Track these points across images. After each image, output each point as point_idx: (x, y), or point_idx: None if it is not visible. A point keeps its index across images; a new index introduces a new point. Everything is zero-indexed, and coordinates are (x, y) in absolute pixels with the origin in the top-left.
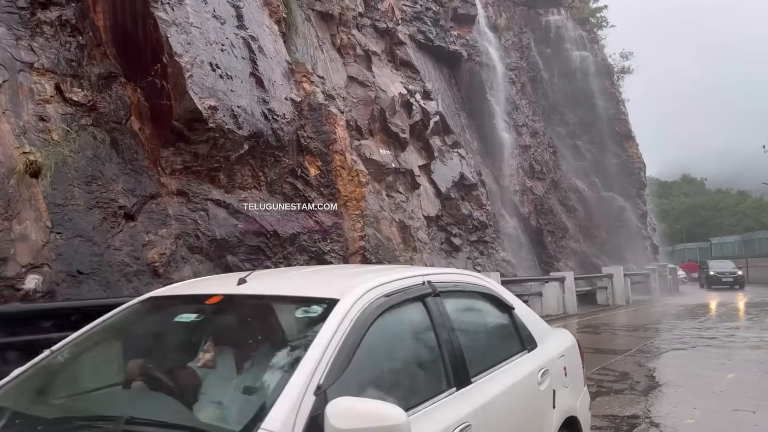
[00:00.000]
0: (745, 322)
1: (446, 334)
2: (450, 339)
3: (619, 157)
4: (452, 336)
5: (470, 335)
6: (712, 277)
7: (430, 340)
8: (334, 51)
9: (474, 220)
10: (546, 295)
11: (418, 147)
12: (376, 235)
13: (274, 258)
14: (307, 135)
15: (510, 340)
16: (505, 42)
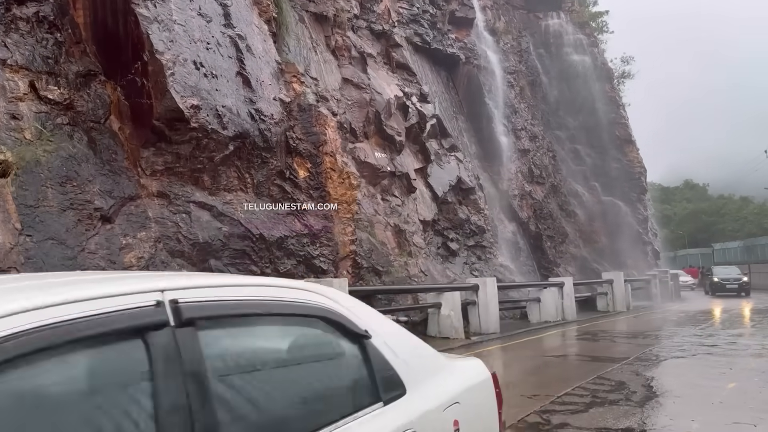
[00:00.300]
0: (747, 329)
1: (200, 396)
2: (208, 406)
3: (620, 161)
4: (214, 399)
5: (262, 390)
6: (716, 284)
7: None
8: (329, 53)
9: (471, 225)
10: (544, 302)
11: (415, 150)
12: (369, 239)
13: (260, 263)
14: (296, 136)
15: (354, 389)
16: (503, 45)
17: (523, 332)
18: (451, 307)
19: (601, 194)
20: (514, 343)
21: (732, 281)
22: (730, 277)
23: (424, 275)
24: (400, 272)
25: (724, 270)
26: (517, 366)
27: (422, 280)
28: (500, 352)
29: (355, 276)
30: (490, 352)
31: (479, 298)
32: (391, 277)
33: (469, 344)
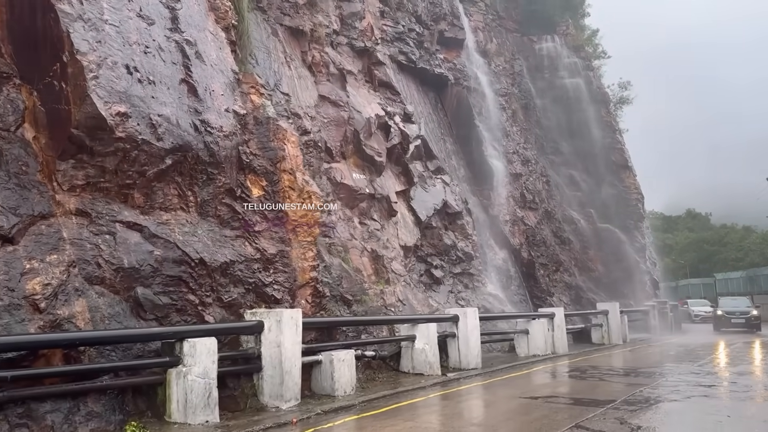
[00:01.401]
0: (749, 366)
1: None
2: None
3: (616, 187)
4: None
5: None
6: (720, 318)
7: None
8: (305, 68)
9: (458, 251)
10: (533, 334)
11: (397, 172)
12: (342, 265)
13: (200, 291)
14: (251, 151)
15: None
16: (495, 67)
17: (507, 367)
18: (425, 340)
19: (597, 221)
20: (494, 381)
21: (738, 315)
22: (736, 311)
23: (402, 304)
24: (375, 301)
25: (730, 302)
26: (486, 411)
27: (399, 310)
28: (474, 391)
29: (315, 306)
30: (463, 392)
31: (459, 330)
32: (364, 307)
33: (444, 382)
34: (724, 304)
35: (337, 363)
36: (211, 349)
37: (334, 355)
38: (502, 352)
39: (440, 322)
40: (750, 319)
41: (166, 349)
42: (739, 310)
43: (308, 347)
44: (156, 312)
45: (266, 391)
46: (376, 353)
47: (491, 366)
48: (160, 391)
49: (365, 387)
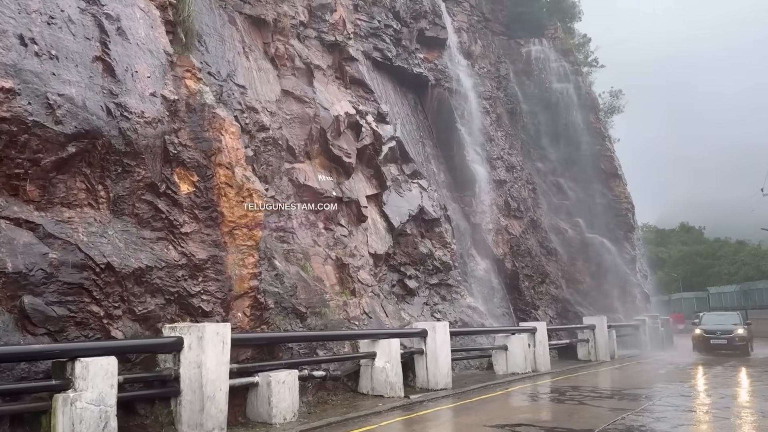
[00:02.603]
0: (744, 387)
1: None
2: None
3: (605, 196)
4: None
5: None
6: (698, 338)
7: None
8: (266, 60)
9: (435, 261)
10: (512, 350)
11: (368, 175)
12: (300, 273)
13: (106, 301)
14: (180, 141)
15: None
16: (479, 70)
17: (480, 388)
18: (387, 357)
19: (585, 231)
20: (461, 404)
21: (719, 335)
22: (717, 329)
23: (368, 317)
24: (337, 314)
25: (714, 318)
26: None
27: (365, 324)
28: (435, 418)
29: (255, 320)
30: (421, 419)
31: (428, 347)
32: (323, 320)
33: (406, 405)
34: (707, 321)
35: (275, 385)
36: (109, 371)
37: (272, 377)
38: (480, 370)
39: (405, 337)
40: (733, 339)
41: (57, 371)
42: (721, 329)
43: (242, 367)
44: (48, 325)
45: (184, 419)
46: (327, 373)
47: (463, 386)
48: (44, 421)
49: (312, 412)
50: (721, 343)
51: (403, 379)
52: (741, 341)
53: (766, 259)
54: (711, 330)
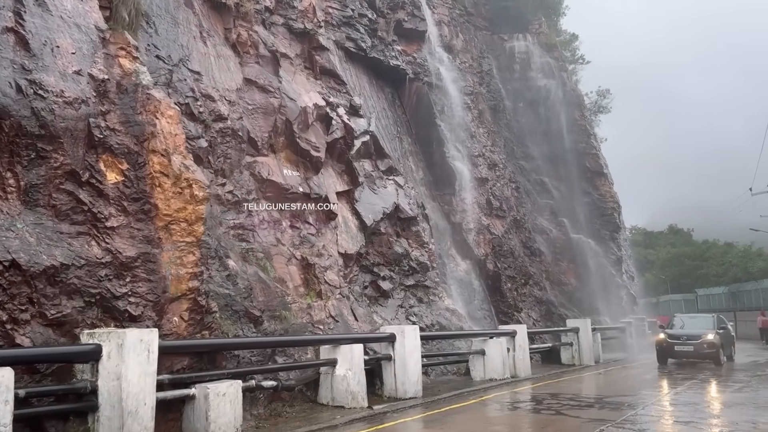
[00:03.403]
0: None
1: None
2: None
3: (590, 195)
4: None
5: None
6: (662, 344)
7: None
8: (227, 47)
9: (412, 261)
10: (489, 355)
11: (339, 170)
12: (258, 274)
13: (11, 303)
14: (108, 125)
15: None
16: (460, 64)
17: (453, 396)
18: (348, 365)
19: (570, 231)
20: (429, 415)
21: (684, 340)
22: (683, 334)
23: (334, 321)
24: (299, 317)
25: (687, 321)
26: None
27: (330, 328)
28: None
29: (195, 324)
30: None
31: (396, 353)
32: (283, 325)
33: (368, 417)
34: (677, 324)
35: (213, 398)
36: (4, 384)
37: (211, 389)
38: (458, 375)
39: (369, 342)
40: (701, 346)
41: None
42: (688, 334)
43: (176, 378)
44: None
45: None
46: (278, 383)
47: (435, 394)
48: None
49: (260, 426)
50: (686, 350)
51: (371, 388)
52: (710, 348)
53: (753, 261)
54: (676, 335)
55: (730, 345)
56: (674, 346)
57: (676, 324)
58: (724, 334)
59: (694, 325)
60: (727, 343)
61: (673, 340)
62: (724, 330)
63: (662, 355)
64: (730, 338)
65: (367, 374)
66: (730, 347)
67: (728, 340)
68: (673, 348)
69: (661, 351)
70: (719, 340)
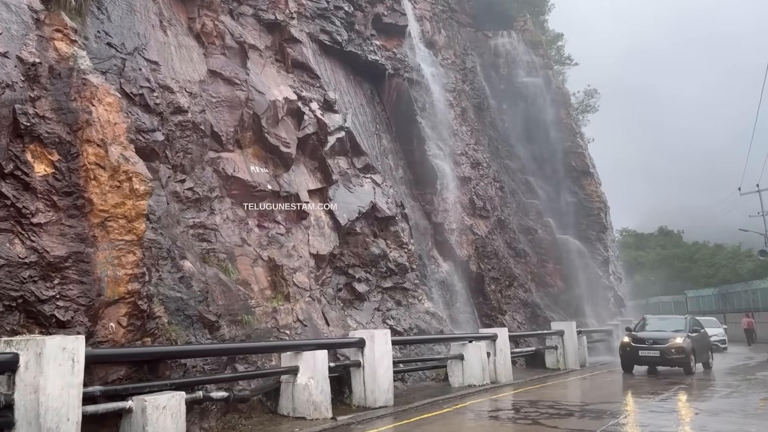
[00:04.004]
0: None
1: None
2: None
3: (576, 195)
4: None
5: None
6: (625, 348)
7: None
8: (190, 37)
9: (390, 262)
10: (468, 360)
11: (312, 167)
12: (219, 276)
13: None
14: (38, 112)
15: None
16: (443, 61)
17: (426, 404)
18: (310, 373)
19: (555, 232)
20: (396, 426)
21: (650, 344)
22: (648, 338)
23: (302, 325)
24: (264, 322)
25: (657, 323)
26: None
27: (298, 333)
28: None
29: (135, 330)
30: None
31: (365, 359)
32: (244, 330)
33: (330, 429)
34: (648, 325)
35: (152, 411)
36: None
37: (149, 401)
38: (437, 382)
39: (334, 348)
40: (668, 351)
41: None
42: (654, 337)
43: (109, 390)
44: None
45: None
46: (230, 394)
47: (409, 402)
48: None
49: None
50: (652, 355)
51: (339, 396)
52: (678, 354)
53: (742, 262)
54: (641, 338)
55: (706, 350)
56: (639, 351)
57: (645, 326)
58: (698, 338)
59: (664, 327)
60: (702, 348)
61: (637, 344)
62: (697, 333)
63: (626, 362)
64: (705, 343)
65: (336, 382)
66: (705, 353)
67: (703, 344)
68: (638, 353)
69: (625, 356)
70: (690, 344)
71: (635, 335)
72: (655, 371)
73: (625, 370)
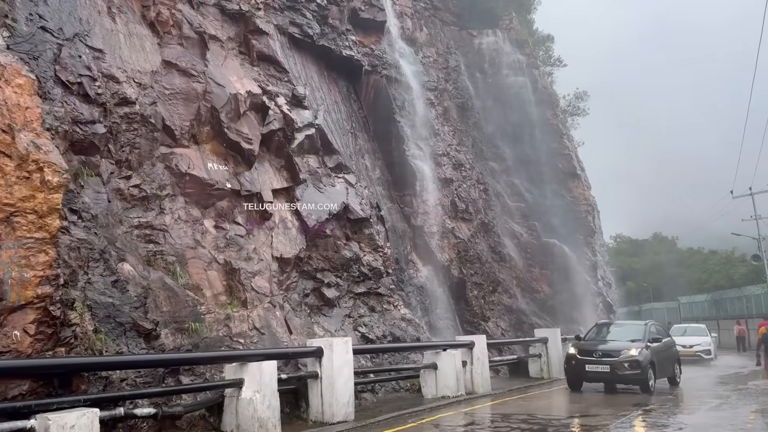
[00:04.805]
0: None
1: None
2: None
3: (563, 198)
4: None
5: None
6: (570, 362)
7: None
8: (143, 26)
9: (363, 266)
10: (442, 369)
11: (278, 165)
12: (164, 280)
13: None
14: None
15: None
16: (423, 58)
17: (391, 419)
18: (256, 386)
19: (542, 235)
20: None
21: (599, 356)
22: (597, 349)
23: (259, 333)
24: (215, 330)
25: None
26: None
27: (254, 342)
28: None
29: (46, 339)
30: None
31: (323, 369)
32: (192, 339)
33: None
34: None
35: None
36: None
37: (53, 420)
38: (411, 392)
39: (288, 358)
40: (620, 366)
41: None
42: (604, 349)
43: (8, 407)
44: None
45: None
46: (158, 411)
47: (373, 415)
48: None
49: None
50: (600, 371)
51: (295, 411)
52: (633, 368)
53: (736, 267)
54: (589, 349)
55: (671, 363)
56: (585, 365)
57: (597, 333)
58: (659, 349)
59: (617, 335)
60: (665, 360)
61: (584, 357)
62: (658, 343)
63: (572, 377)
64: (669, 354)
65: (292, 395)
66: (670, 366)
67: (666, 356)
68: (584, 368)
69: (570, 371)
70: (648, 357)
71: (582, 346)
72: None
73: (571, 388)
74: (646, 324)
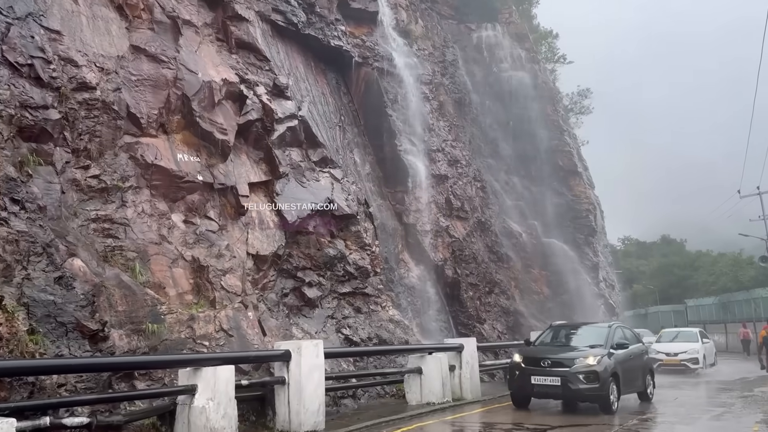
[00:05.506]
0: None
1: None
2: None
3: (564, 196)
4: None
5: None
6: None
7: None
8: (110, 9)
9: (349, 265)
10: (427, 374)
11: (256, 158)
12: (120, 277)
13: None
14: None
15: None
16: (418, 51)
17: (365, 428)
18: (210, 393)
19: (541, 235)
20: None
21: (548, 366)
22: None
23: (227, 335)
24: (177, 331)
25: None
26: None
27: (220, 345)
28: None
29: None
30: None
31: (290, 374)
32: (149, 341)
33: None
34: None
35: None
36: None
37: None
38: (396, 398)
39: (250, 362)
40: (574, 379)
41: None
42: (555, 357)
43: None
44: None
45: None
46: (92, 420)
47: (346, 424)
48: None
49: None
50: (549, 383)
51: (261, 419)
52: (589, 382)
53: (744, 269)
54: (537, 357)
55: (641, 374)
56: (531, 377)
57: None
58: (625, 357)
59: (574, 340)
60: (633, 371)
61: (530, 366)
62: (624, 350)
63: (516, 391)
64: (639, 364)
65: (258, 402)
66: (640, 378)
67: (634, 366)
68: (530, 380)
69: (513, 384)
70: (610, 367)
71: (529, 352)
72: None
73: (515, 405)
74: (610, 326)
